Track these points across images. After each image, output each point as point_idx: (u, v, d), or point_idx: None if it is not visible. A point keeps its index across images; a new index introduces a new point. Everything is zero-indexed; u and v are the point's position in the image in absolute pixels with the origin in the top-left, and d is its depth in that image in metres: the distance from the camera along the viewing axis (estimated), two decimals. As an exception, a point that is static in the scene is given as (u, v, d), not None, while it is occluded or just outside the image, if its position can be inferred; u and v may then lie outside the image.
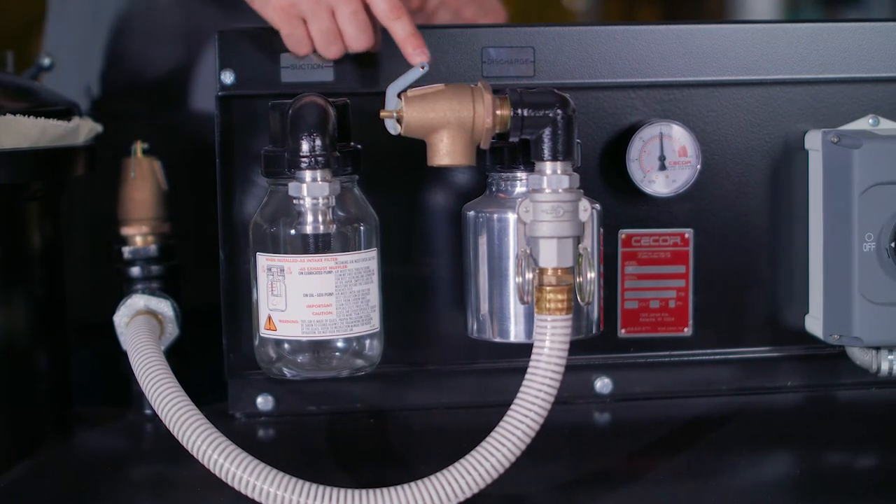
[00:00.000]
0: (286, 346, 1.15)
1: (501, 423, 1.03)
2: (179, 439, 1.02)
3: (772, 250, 1.29)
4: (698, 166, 1.23)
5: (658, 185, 1.23)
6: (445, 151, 1.10)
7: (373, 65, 1.23)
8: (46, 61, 1.44)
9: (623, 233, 1.27)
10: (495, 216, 1.15)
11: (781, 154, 1.28)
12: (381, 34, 1.21)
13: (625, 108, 1.26)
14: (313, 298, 1.13)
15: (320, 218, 1.09)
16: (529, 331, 1.14)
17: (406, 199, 1.25)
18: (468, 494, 1.00)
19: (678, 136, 1.23)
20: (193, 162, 1.40)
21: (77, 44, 1.76)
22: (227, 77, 1.22)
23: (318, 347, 1.15)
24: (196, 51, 1.68)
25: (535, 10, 6.73)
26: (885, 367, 1.24)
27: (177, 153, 1.41)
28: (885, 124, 1.28)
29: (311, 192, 1.09)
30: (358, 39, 1.20)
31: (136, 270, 1.28)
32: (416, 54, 1.17)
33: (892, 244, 1.19)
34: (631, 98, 1.26)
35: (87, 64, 1.74)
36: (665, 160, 1.23)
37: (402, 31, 1.18)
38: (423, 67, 1.12)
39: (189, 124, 1.65)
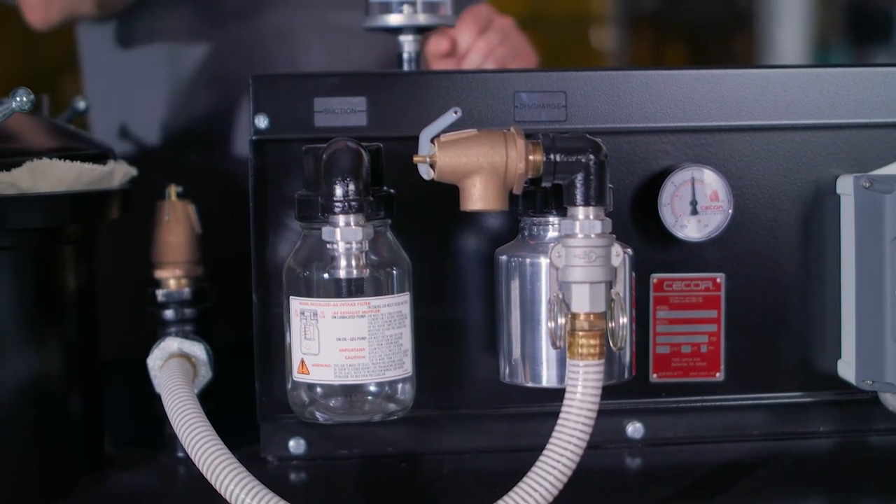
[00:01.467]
0: (319, 390, 1.16)
1: (534, 468, 1.03)
2: (212, 482, 1.03)
3: (804, 295, 1.29)
4: (730, 211, 1.24)
5: (690, 229, 1.24)
6: (478, 197, 1.10)
7: (406, 109, 1.24)
8: (81, 105, 1.46)
9: (655, 277, 1.27)
10: (528, 261, 1.16)
11: (813, 199, 1.28)
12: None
13: (656, 153, 1.27)
14: (346, 342, 1.13)
15: (353, 262, 1.10)
16: (561, 375, 1.14)
17: (438, 243, 1.25)
18: (501, 539, 1.00)
19: (710, 181, 1.23)
20: (228, 205, 1.40)
21: (112, 87, 1.78)
22: (262, 121, 1.23)
23: (351, 391, 1.16)
24: (230, 94, 1.70)
25: (564, 50, 6.75)
26: (918, 412, 1.24)
27: (211, 196, 1.42)
28: (918, 169, 1.28)
29: (345, 236, 1.09)
30: None
31: (169, 313, 1.29)
32: None
33: (925, 289, 1.19)
34: (662, 142, 1.27)
35: (122, 107, 1.76)
36: (697, 205, 1.23)
37: None
38: (456, 113, 1.13)
39: (223, 168, 1.67)
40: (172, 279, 1.30)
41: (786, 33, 4.86)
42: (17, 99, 1.12)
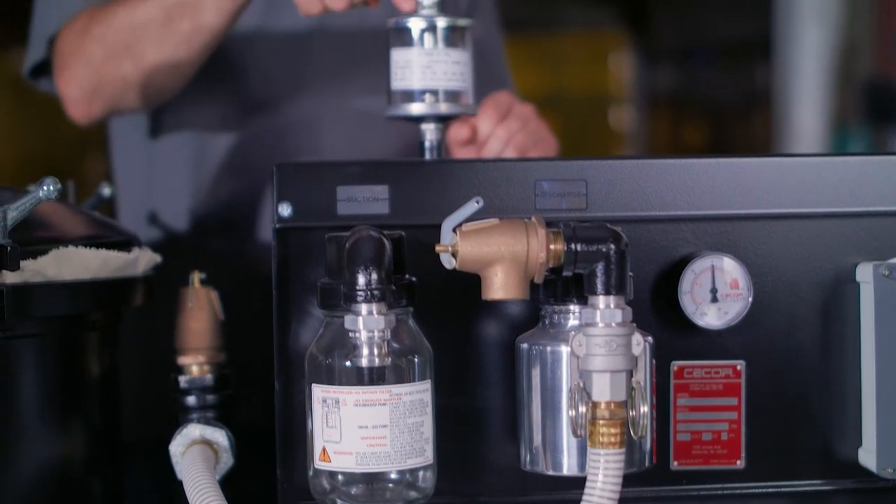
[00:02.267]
0: (340, 477, 1.16)
1: (555, 558, 1.03)
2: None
3: (824, 383, 1.29)
4: (750, 299, 1.24)
5: (710, 317, 1.24)
6: (500, 286, 1.11)
7: (428, 197, 1.25)
8: (107, 191, 1.48)
9: (675, 365, 1.27)
10: (548, 349, 1.16)
11: (833, 287, 1.29)
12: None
13: (676, 241, 1.28)
14: (368, 430, 1.13)
15: (375, 351, 1.10)
16: (582, 464, 1.15)
17: (460, 331, 1.26)
18: None
19: (730, 269, 1.24)
20: (251, 292, 1.42)
21: (139, 173, 1.81)
22: (285, 209, 1.24)
23: (372, 479, 1.16)
24: (254, 183, 1.72)
25: (583, 129, 6.79)
26: (940, 501, 1.23)
27: (235, 283, 1.43)
28: (937, 257, 1.28)
29: (367, 325, 1.10)
30: None
31: (192, 400, 1.30)
32: (404, 1, 1.33)
33: (946, 378, 1.19)
34: (682, 230, 1.28)
35: (149, 193, 1.78)
36: (717, 293, 1.24)
37: None
38: (478, 202, 1.14)
39: (247, 255, 1.68)
40: (195, 365, 1.31)
41: (804, 113, 4.89)
42: (45, 188, 1.14)
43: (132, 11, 1.60)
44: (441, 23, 1.33)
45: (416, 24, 1.33)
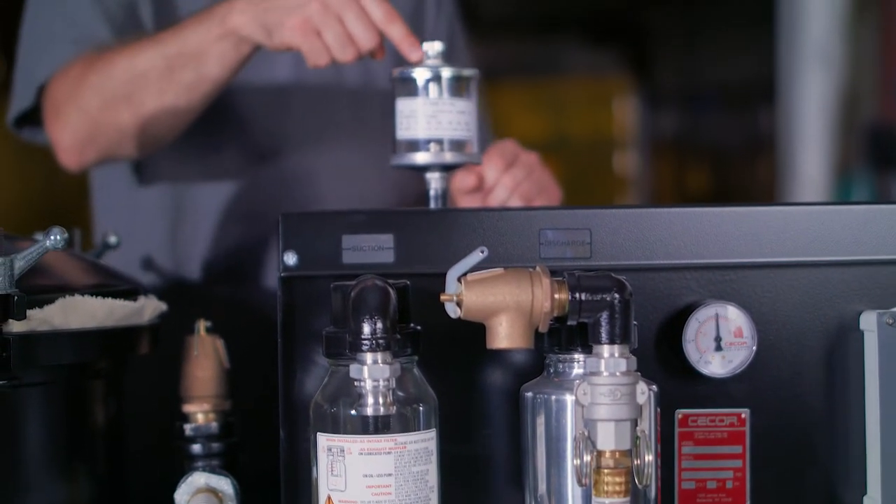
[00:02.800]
0: (345, 526, 1.16)
1: None
2: None
3: (829, 431, 1.29)
4: (754, 347, 1.24)
5: (714, 365, 1.24)
6: (504, 335, 1.11)
7: (433, 246, 1.25)
8: (113, 239, 1.48)
9: (680, 413, 1.28)
10: (553, 398, 1.16)
11: (836, 335, 1.29)
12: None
13: (680, 289, 1.28)
14: (373, 479, 1.13)
15: (380, 400, 1.11)
16: (587, 512, 1.15)
17: (465, 380, 1.26)
18: None
19: (734, 317, 1.25)
20: (256, 340, 1.42)
21: (121, 220, 1.80)
22: (290, 258, 1.25)
23: (377, 528, 1.16)
24: (260, 231, 1.73)
25: (587, 173, 6.80)
26: (945, 550, 1.23)
27: (239, 331, 1.43)
28: (940, 305, 1.29)
29: (372, 374, 1.10)
30: (366, 38, 1.40)
31: (197, 448, 1.30)
32: (412, 52, 1.37)
33: (951, 427, 1.19)
34: (686, 279, 1.28)
35: (151, 242, 1.79)
36: (721, 341, 1.24)
37: (397, 33, 1.39)
38: (483, 252, 1.14)
39: (253, 303, 1.69)
40: (200, 413, 1.31)
41: (808, 158, 4.89)
42: (52, 237, 1.15)
43: (132, 60, 1.59)
44: (446, 73, 1.35)
45: (421, 74, 1.34)
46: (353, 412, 1.14)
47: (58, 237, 1.15)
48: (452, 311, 1.13)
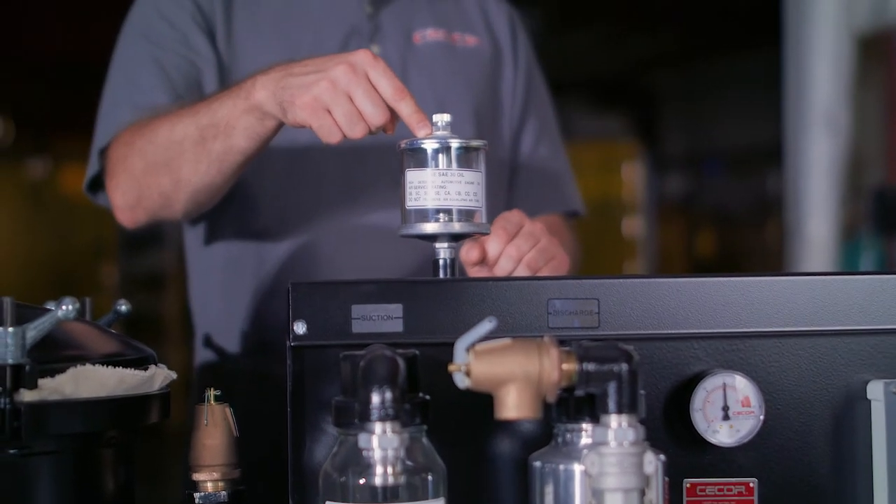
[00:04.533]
0: None
1: None
2: None
3: (836, 500, 1.29)
4: (762, 416, 1.25)
5: (722, 434, 1.25)
6: (513, 405, 1.12)
7: (441, 316, 1.26)
8: (123, 308, 1.49)
9: (688, 482, 1.28)
10: (561, 467, 1.17)
11: (844, 404, 1.29)
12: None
13: (688, 359, 1.29)
14: (382, 548, 1.14)
15: (389, 469, 1.11)
16: (596, 583, 1.15)
17: (473, 449, 1.27)
18: None
19: (741, 387, 1.25)
20: (265, 408, 1.43)
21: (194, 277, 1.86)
22: (300, 327, 1.26)
23: None
24: (267, 299, 1.75)
25: (596, 241, 6.80)
26: None
27: (249, 399, 1.44)
28: (947, 375, 1.29)
29: (381, 443, 1.11)
30: (376, 115, 1.41)
31: (206, 516, 1.30)
32: (420, 128, 1.38)
33: (958, 497, 1.19)
34: (694, 348, 1.29)
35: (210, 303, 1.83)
36: (729, 410, 1.25)
37: (406, 109, 1.40)
38: (491, 322, 1.15)
39: (262, 371, 1.70)
40: (210, 482, 1.31)
41: (815, 221, 4.90)
42: (63, 307, 1.16)
43: (171, 128, 1.65)
44: (454, 144, 1.36)
45: (429, 145, 1.36)
46: (362, 481, 1.15)
47: (69, 307, 1.16)
48: (461, 382, 1.14)
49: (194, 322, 1.92)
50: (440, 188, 1.35)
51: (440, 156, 1.36)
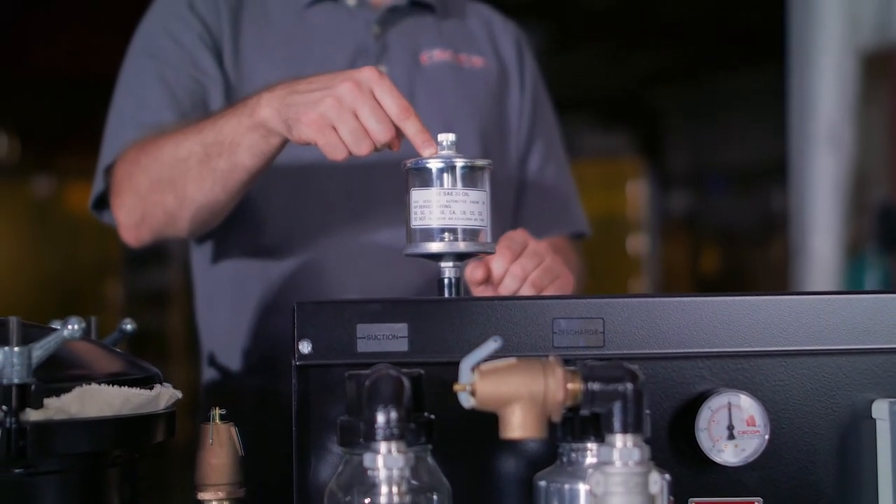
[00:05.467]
0: None
1: None
2: None
3: (842, 519, 1.29)
4: (766, 436, 1.25)
5: (727, 454, 1.25)
6: (518, 424, 1.12)
7: (447, 335, 1.26)
8: (129, 327, 1.49)
9: (693, 501, 1.28)
10: (566, 486, 1.17)
11: (849, 423, 1.29)
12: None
13: (693, 378, 1.29)
14: (387, 568, 1.13)
15: (394, 489, 1.11)
16: None
17: (478, 468, 1.27)
18: None
19: (746, 406, 1.25)
20: (270, 427, 1.43)
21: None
22: (305, 347, 1.26)
23: None
24: (272, 316, 1.75)
25: (600, 258, 6.80)
26: None
27: (254, 418, 1.44)
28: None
29: (387, 463, 1.11)
30: (381, 132, 1.42)
31: (211, 535, 1.30)
32: (426, 147, 1.39)
33: (964, 516, 1.19)
34: (699, 368, 1.29)
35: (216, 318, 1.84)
36: (734, 429, 1.25)
37: (412, 128, 1.41)
38: (496, 341, 1.15)
39: (268, 390, 1.70)
40: (215, 501, 1.31)
41: (819, 238, 4.90)
42: (69, 327, 1.16)
43: (176, 146, 1.65)
44: (459, 163, 1.36)
45: (434, 165, 1.36)
46: (367, 501, 1.15)
47: (75, 327, 1.16)
48: (466, 401, 1.14)
49: (201, 340, 1.92)
50: (445, 207, 1.35)
51: (445, 175, 1.36)
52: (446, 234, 1.36)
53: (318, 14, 1.90)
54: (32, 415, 1.15)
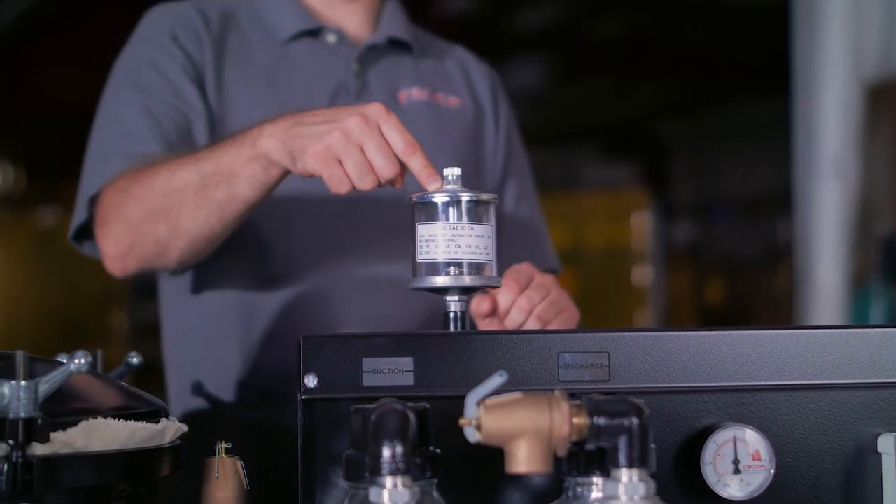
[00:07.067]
0: None
1: None
2: None
3: (848, 554, 1.29)
4: (772, 470, 1.25)
5: (732, 488, 1.25)
6: (523, 459, 1.12)
7: (452, 369, 1.26)
8: (135, 360, 1.49)
9: (699, 536, 1.28)
10: (572, 521, 1.17)
11: (854, 457, 1.29)
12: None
13: (698, 412, 1.29)
14: None
15: (400, 523, 1.11)
16: None
17: (484, 502, 1.27)
18: None
19: (752, 440, 1.25)
20: (275, 461, 1.43)
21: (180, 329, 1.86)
22: (311, 381, 1.26)
23: None
24: (281, 353, 1.75)
25: (605, 290, 6.81)
26: None
27: (260, 452, 1.44)
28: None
29: (392, 497, 1.11)
30: (386, 168, 1.42)
31: (217, 570, 1.30)
32: (431, 182, 1.39)
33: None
34: (704, 402, 1.29)
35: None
36: (739, 464, 1.25)
37: (417, 164, 1.41)
38: (501, 376, 1.15)
39: (273, 424, 1.70)
40: (221, 535, 1.32)
41: (824, 268, 4.89)
42: (76, 361, 1.16)
43: (171, 175, 1.64)
44: (465, 197, 1.37)
45: (440, 199, 1.37)
46: (372, 535, 1.15)
47: (82, 361, 1.16)
48: (471, 436, 1.14)
49: (167, 372, 1.91)
50: (451, 241, 1.36)
51: (451, 209, 1.37)
52: (452, 269, 1.36)
53: (298, 49, 1.92)
54: (38, 449, 1.15)
